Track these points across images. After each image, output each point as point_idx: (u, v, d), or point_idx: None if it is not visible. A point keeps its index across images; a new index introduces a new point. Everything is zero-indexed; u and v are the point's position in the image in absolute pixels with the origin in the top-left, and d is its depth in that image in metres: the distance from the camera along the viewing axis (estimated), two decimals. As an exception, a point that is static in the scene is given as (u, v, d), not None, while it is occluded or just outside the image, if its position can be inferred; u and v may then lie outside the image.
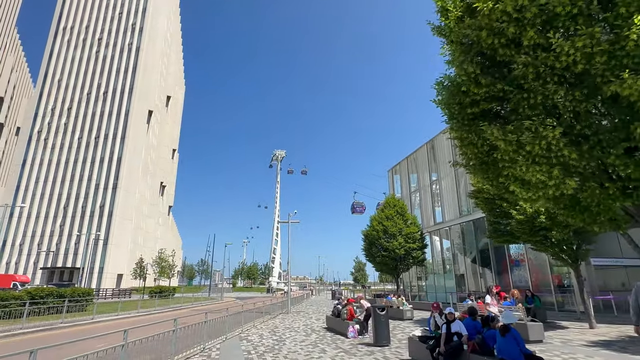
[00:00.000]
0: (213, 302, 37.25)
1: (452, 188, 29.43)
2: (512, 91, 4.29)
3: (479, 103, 4.69)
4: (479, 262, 25.88)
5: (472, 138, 5.11)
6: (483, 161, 5.61)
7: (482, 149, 5.26)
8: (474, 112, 4.89)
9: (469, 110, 4.82)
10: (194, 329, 10.73)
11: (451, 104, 5.06)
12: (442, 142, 31.31)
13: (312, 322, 18.39)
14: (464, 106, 4.86)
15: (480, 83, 4.47)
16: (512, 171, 4.53)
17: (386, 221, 27.35)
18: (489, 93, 4.50)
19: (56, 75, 76.49)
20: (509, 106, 4.49)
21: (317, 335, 13.55)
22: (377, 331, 10.80)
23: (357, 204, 39.14)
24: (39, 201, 67.92)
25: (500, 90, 4.40)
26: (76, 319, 18.10)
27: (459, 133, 5.27)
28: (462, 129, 5.20)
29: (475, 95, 4.61)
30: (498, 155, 4.76)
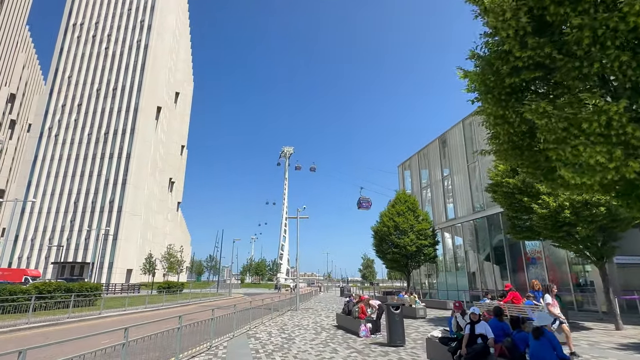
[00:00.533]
0: (221, 298, 37.08)
1: (464, 184, 28.65)
2: (561, 59, 3.69)
3: (520, 71, 4.07)
4: (492, 259, 25.13)
5: (509, 116, 4.51)
6: (516, 145, 5.01)
7: (518, 129, 4.66)
8: (512, 85, 4.28)
9: (507, 80, 4.21)
10: (200, 326, 10.33)
11: (487, 74, 4.45)
12: (455, 136, 30.51)
13: (322, 319, 17.94)
14: (502, 76, 4.25)
15: (526, 44, 3.86)
16: (558, 153, 3.94)
17: (397, 217, 26.72)
18: (534, 59, 3.90)
19: (66, 71, 76.98)
20: (556, 77, 3.88)
21: (327, 333, 13.08)
22: (391, 330, 10.27)
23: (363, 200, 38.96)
24: (49, 196, 68.59)
25: (547, 56, 3.79)
26: (83, 314, 17.92)
27: (494, 110, 4.66)
28: (497, 104, 4.59)
29: (518, 61, 4.00)
30: (540, 136, 4.17)
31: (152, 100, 75.38)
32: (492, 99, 4.67)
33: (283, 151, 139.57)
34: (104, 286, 47.87)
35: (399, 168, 40.57)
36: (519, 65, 4.06)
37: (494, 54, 4.47)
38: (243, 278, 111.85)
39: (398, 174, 40.53)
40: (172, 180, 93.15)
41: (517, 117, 4.43)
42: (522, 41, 4.03)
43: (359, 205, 39.47)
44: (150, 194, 75.65)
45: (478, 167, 26.94)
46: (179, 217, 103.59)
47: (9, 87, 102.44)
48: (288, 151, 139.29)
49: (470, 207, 27.80)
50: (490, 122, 5.18)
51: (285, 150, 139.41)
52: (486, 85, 4.65)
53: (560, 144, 3.80)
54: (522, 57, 4.02)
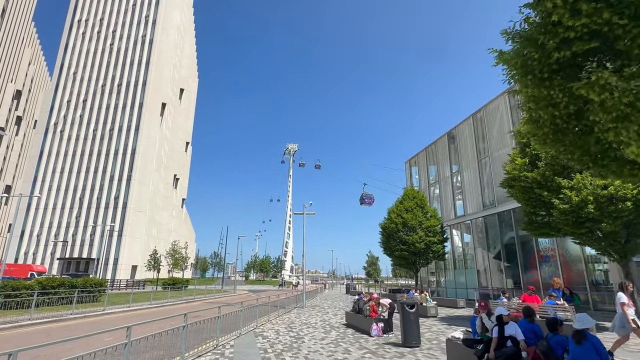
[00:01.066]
0: (226, 295, 36.81)
1: (474, 180, 28.03)
2: (626, 24, 3.16)
3: (571, 43, 3.55)
4: (503, 257, 24.55)
5: (555, 96, 3.98)
6: (559, 128, 4.48)
7: (564, 110, 4.13)
8: (560, 60, 3.75)
9: (555, 55, 3.68)
10: (206, 324, 9.92)
11: (528, 52, 3.91)
12: (464, 132, 29.86)
13: (330, 317, 17.51)
14: (548, 51, 3.72)
15: (580, 11, 3.32)
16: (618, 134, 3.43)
17: (405, 213, 26.17)
18: (589, 27, 3.38)
19: (71, 67, 76.93)
20: (619, 45, 3.35)
21: (337, 332, 12.63)
22: (406, 330, 9.79)
23: (366, 196, 38.82)
24: (55, 192, 68.72)
25: (606, 23, 3.28)
26: (87, 310, 17.62)
27: (536, 91, 4.13)
28: (540, 85, 4.06)
29: (569, 32, 3.47)
30: (594, 116, 3.65)
31: (156, 96, 75.17)
32: (533, 79, 4.13)
33: (287, 148, 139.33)
34: (108, 282, 47.85)
35: (406, 164, 39.97)
36: (570, 36, 3.52)
37: (537, 27, 3.94)
38: (247, 275, 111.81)
39: (405, 171, 39.94)
40: (177, 176, 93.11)
41: (565, 97, 3.91)
42: (574, 9, 3.51)
43: (362, 201, 39.34)
44: (155, 191, 75.60)
45: (489, 162, 26.31)
46: (183, 214, 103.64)
47: (15, 83, 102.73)
48: (292, 148, 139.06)
49: (480, 203, 27.19)
50: (529, 105, 4.62)
51: (290, 147, 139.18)
52: (526, 65, 4.11)
53: (622, 122, 3.30)
54: (575, 27, 3.50)
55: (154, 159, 73.21)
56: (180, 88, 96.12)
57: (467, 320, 15.78)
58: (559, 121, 4.33)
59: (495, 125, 26.11)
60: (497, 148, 25.62)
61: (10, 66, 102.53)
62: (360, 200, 39.48)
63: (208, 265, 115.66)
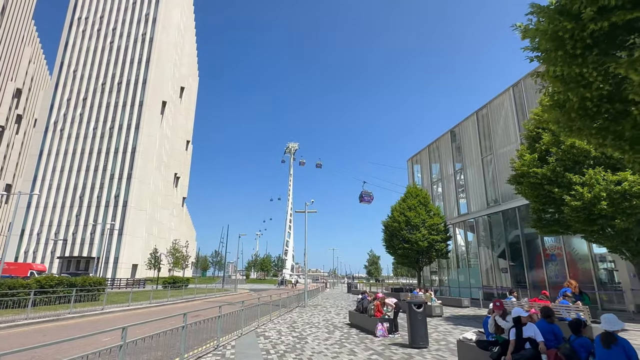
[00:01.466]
0: (227, 294, 36.51)
1: (478, 177, 27.66)
2: None
3: (611, 12, 3.16)
4: (508, 256, 24.18)
5: (588, 75, 3.61)
6: (588, 113, 4.11)
7: (596, 92, 3.76)
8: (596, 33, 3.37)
9: (591, 27, 3.30)
10: (207, 324, 9.58)
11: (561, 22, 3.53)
12: (467, 129, 29.48)
13: (332, 317, 17.17)
14: (583, 22, 3.34)
15: None
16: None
17: (408, 212, 25.81)
18: None
19: (71, 66, 76.61)
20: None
21: (340, 332, 12.29)
22: (413, 331, 9.44)
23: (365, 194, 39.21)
24: (55, 191, 68.46)
25: None
26: (85, 309, 17.30)
27: (566, 69, 3.75)
28: (572, 62, 3.69)
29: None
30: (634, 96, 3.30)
31: (157, 94, 74.84)
32: (563, 56, 3.75)
33: (288, 147, 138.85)
34: (108, 281, 47.55)
35: (408, 162, 39.59)
36: (611, 3, 3.16)
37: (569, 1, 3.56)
38: (248, 274, 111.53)
39: (407, 169, 39.56)
40: (177, 175, 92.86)
41: (599, 76, 3.54)
42: None
43: (361, 199, 39.65)
44: (156, 189, 75.32)
45: (493, 160, 25.93)
46: (184, 213, 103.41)
47: (15, 82, 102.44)
48: (293, 147, 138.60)
49: (484, 201, 26.83)
50: (555, 88, 4.24)
51: (290, 146, 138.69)
52: (557, 39, 3.74)
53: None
54: None
55: (154, 158, 72.90)
56: (181, 86, 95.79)
57: (473, 320, 15.43)
58: (589, 104, 3.96)
59: (500, 121, 25.73)
60: (502, 145, 25.24)
61: (10, 65, 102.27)
62: (360, 198, 39.55)
63: (209, 264, 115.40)
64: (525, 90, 23.27)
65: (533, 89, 22.43)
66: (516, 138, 23.72)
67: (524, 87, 23.41)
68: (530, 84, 22.75)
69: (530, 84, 22.82)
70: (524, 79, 23.40)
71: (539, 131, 12.97)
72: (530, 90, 22.84)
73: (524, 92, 23.40)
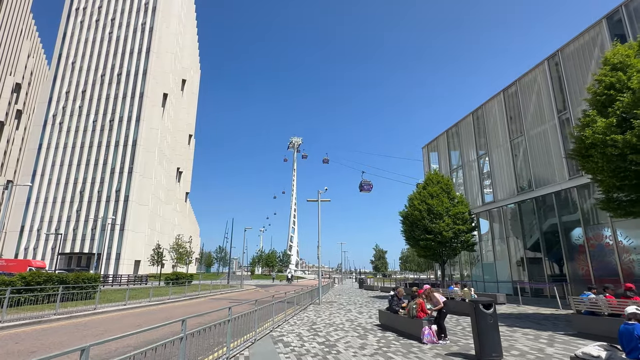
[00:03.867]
0: (233, 290, 34.51)
1: (506, 162, 25.33)
2: None
3: None
4: (542, 247, 21.91)
5: None
6: None
7: None
8: None
9: None
10: (213, 330, 7.43)
11: None
12: (493, 110, 27.11)
13: (356, 316, 15.03)
14: None
15: None
16: None
17: (430, 199, 23.52)
18: None
19: (70, 57, 74.55)
20: None
21: (374, 337, 10.13)
22: (482, 338, 7.24)
23: (365, 183, 40.15)
24: (55, 186, 66.70)
25: None
26: (75, 309, 15.24)
27: None
28: None
29: None
30: None
31: (158, 86, 72.68)
32: None
33: (291, 142, 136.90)
34: (110, 277, 45.77)
35: (424, 150, 37.25)
36: None
37: None
38: (253, 269, 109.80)
39: (423, 156, 37.23)
40: (180, 170, 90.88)
41: None
42: None
43: (361, 188, 40.21)
44: (158, 184, 73.40)
45: (524, 142, 23.57)
46: (187, 208, 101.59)
47: (14, 76, 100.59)
48: (297, 142, 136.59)
49: (513, 188, 24.52)
50: None
51: (294, 140, 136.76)
52: None
53: None
54: None
55: (156, 151, 70.88)
56: (182, 79, 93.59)
57: (525, 319, 13.18)
58: None
59: (531, 99, 23.34)
60: (535, 125, 22.88)
61: (9, 59, 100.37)
62: (360, 187, 40.39)
63: (213, 260, 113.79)
64: (565, 61, 20.83)
65: (575, 59, 20.02)
66: (552, 116, 21.37)
67: (562, 58, 20.98)
68: (572, 53, 20.34)
69: (572, 53, 20.41)
70: (564, 49, 20.96)
71: (610, 93, 10.65)
72: (571, 61, 20.43)
73: (561, 64, 20.97)
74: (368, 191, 40.69)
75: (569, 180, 19.92)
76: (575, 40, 20.14)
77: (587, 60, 19.46)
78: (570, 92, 20.17)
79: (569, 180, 19.89)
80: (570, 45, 20.53)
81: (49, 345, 9.36)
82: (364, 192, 40.69)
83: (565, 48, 20.83)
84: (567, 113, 20.33)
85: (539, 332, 10.50)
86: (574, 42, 20.28)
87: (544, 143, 22.01)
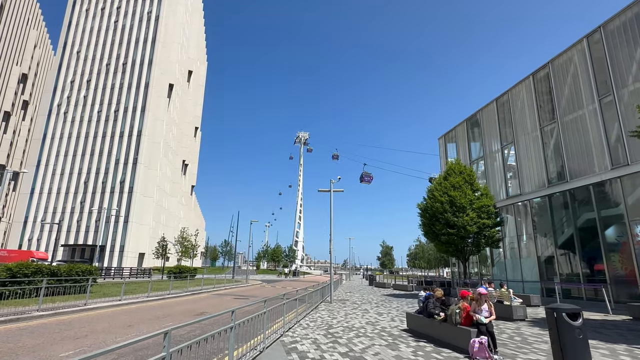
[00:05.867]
0: (238, 285, 32.98)
1: (535, 152, 23.28)
2: None
3: None
4: (577, 243, 19.91)
5: None
6: None
7: None
8: None
9: None
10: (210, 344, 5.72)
11: None
12: (520, 96, 25.03)
13: (375, 318, 13.30)
14: None
15: None
16: None
17: (452, 191, 21.65)
18: None
19: (75, 46, 73.29)
20: None
21: (407, 346, 8.38)
22: (568, 357, 5.44)
23: (365, 174, 41.71)
24: (59, 176, 65.71)
25: None
26: (62, 305, 13.70)
27: None
28: None
29: None
30: None
31: (164, 76, 71.17)
32: None
33: (298, 136, 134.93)
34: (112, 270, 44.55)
35: (440, 141, 35.21)
36: None
37: None
38: (259, 264, 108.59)
39: (439, 147, 35.20)
40: (186, 162, 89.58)
41: None
42: None
43: (362, 179, 41.83)
44: (163, 176, 72.12)
45: (557, 129, 21.50)
46: (193, 201, 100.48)
47: (21, 66, 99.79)
48: (303, 136, 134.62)
49: (542, 179, 22.50)
50: None
51: (301, 135, 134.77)
52: None
53: None
54: None
55: (161, 143, 69.51)
56: (189, 70, 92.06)
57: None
58: None
59: (567, 82, 21.23)
60: (570, 110, 20.80)
61: (15, 49, 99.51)
62: (360, 179, 41.98)
63: (218, 254, 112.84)
64: (608, 38, 18.71)
65: (622, 36, 17.90)
66: (592, 99, 19.29)
67: (605, 35, 18.86)
68: (618, 29, 18.21)
69: (617, 29, 18.28)
70: (606, 25, 18.83)
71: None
72: (616, 38, 18.31)
73: (604, 41, 18.85)
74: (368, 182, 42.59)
75: (611, 170, 17.89)
76: (622, 14, 18.02)
77: (635, 35, 17.35)
78: (615, 72, 18.08)
79: (612, 169, 17.86)
80: (615, 20, 18.41)
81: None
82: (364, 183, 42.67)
83: (609, 24, 18.70)
84: (610, 95, 18.24)
85: (611, 345, 8.66)
86: (619, 15, 18.15)
87: (581, 130, 19.95)
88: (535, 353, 7.73)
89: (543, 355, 7.53)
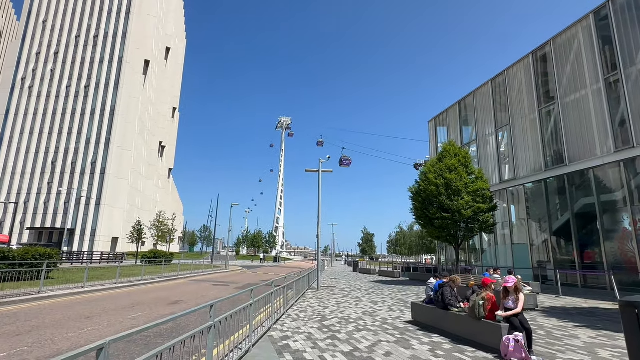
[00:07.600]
0: (217, 271, 31.33)
1: (532, 135, 22.42)
2: None
3: None
4: (574, 229, 19.28)
5: None
6: None
7: None
8: None
9: None
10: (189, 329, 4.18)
11: None
12: (518, 76, 24.01)
13: (370, 307, 12.07)
14: None
15: None
16: None
17: (448, 173, 20.55)
18: None
19: (41, 15, 67.78)
20: None
21: (419, 342, 7.11)
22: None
23: (344, 158, 43.12)
24: (24, 155, 61.36)
25: None
26: (8, 294, 11.76)
27: None
28: None
29: None
30: None
31: (139, 51, 66.96)
32: None
33: (280, 121, 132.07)
34: (83, 254, 41.91)
35: (430, 124, 34.13)
36: None
37: None
38: (238, 250, 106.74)
39: (429, 131, 34.14)
40: (163, 144, 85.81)
41: None
42: None
43: (341, 163, 43.20)
44: (139, 157, 68.64)
45: (557, 110, 20.60)
46: (170, 185, 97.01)
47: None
48: (285, 122, 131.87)
49: (539, 163, 21.71)
50: None
51: (282, 120, 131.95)
52: None
53: None
54: None
55: (136, 122, 65.81)
56: (166, 47, 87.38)
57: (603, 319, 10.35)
58: None
59: (569, 61, 20.26)
60: (572, 90, 19.88)
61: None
62: (340, 162, 43.14)
63: (197, 240, 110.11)
64: (616, 14, 17.69)
65: (632, 11, 16.89)
66: (597, 79, 18.38)
67: (613, 11, 17.83)
68: (629, 4, 17.17)
69: (627, 4, 17.25)
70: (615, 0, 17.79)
71: None
72: (625, 13, 17.30)
73: (612, 17, 17.84)
74: (347, 166, 43.73)
75: (614, 153, 17.12)
76: (634, -13, 16.98)
77: (646, 10, 16.38)
78: (623, 50, 17.13)
79: (615, 152, 17.09)
80: (625, -6, 17.37)
81: None
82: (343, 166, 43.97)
83: (619, -2, 17.67)
84: (616, 74, 17.33)
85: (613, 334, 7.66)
86: (630, -11, 17.11)
87: (583, 111, 19.09)
88: (573, 351, 6.59)
89: (585, 354, 6.38)
